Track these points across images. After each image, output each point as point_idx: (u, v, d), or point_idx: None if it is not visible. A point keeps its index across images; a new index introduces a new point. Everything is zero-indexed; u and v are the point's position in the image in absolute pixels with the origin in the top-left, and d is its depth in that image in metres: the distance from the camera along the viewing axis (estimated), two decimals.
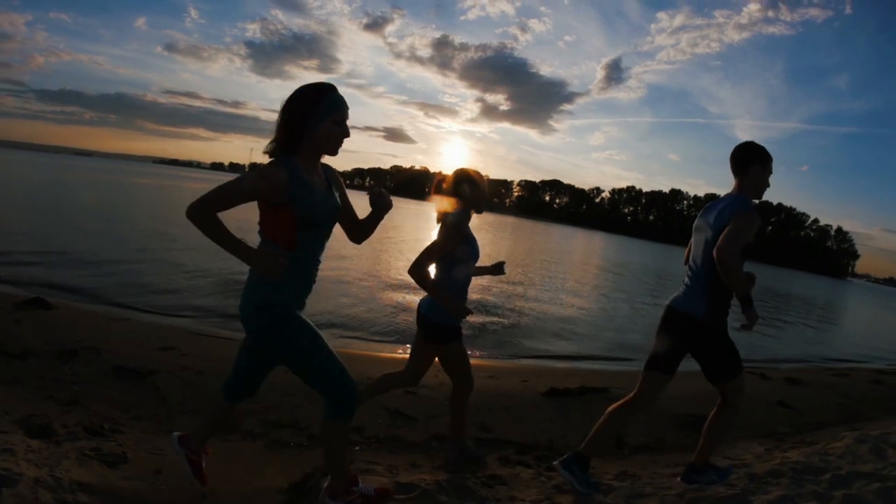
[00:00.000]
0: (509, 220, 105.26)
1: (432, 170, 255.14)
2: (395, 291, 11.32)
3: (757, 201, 3.09)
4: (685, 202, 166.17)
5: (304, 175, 2.21)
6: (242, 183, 2.15)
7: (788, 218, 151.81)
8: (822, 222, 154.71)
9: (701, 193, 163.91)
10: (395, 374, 3.38)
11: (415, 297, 9.44)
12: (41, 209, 17.94)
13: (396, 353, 6.91)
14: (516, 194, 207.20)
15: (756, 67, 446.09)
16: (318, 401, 2.38)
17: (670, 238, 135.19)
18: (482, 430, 4.10)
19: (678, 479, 3.24)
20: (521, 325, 9.90)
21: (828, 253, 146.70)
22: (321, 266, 2.38)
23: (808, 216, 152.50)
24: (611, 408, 3.16)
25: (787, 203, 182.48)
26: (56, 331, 5.10)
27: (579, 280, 19.81)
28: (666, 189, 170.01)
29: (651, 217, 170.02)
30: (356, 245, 2.75)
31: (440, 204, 3.20)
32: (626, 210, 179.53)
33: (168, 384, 4.15)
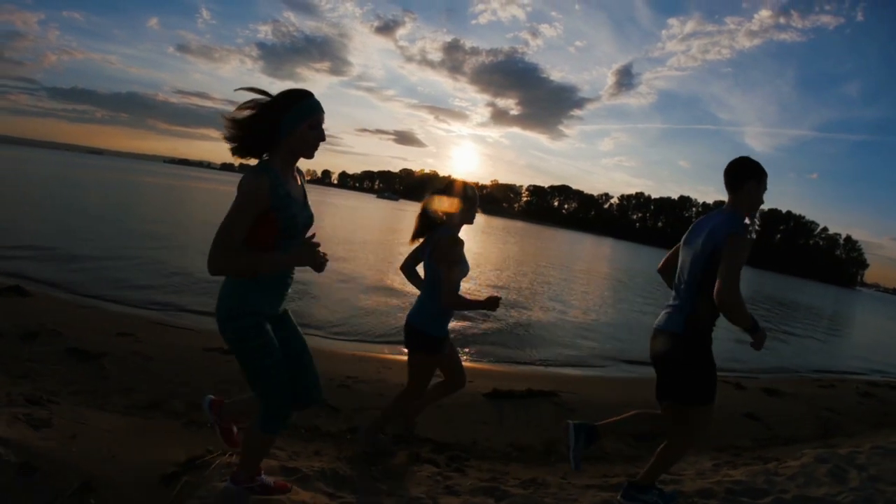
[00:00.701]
0: (518, 224, 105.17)
1: (441, 174, 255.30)
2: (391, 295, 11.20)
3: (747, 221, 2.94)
4: (694, 209, 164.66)
5: (283, 183, 2.22)
6: (241, 208, 2.12)
7: (797, 226, 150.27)
8: (832, 231, 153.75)
9: (710, 200, 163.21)
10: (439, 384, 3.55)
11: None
12: (44, 206, 18.01)
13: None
14: (525, 199, 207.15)
15: (767, 74, 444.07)
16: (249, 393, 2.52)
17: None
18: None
19: (618, 496, 3.08)
20: (503, 330, 9.64)
21: (836, 262, 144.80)
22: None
23: (818, 224, 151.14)
24: (642, 412, 3.11)
25: (797, 211, 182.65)
26: (26, 315, 5.35)
27: (578, 286, 19.41)
28: (675, 196, 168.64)
29: (659, 224, 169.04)
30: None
31: (441, 204, 3.22)
32: (635, 216, 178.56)
33: (114, 365, 4.33)
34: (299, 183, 2.39)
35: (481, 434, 4.13)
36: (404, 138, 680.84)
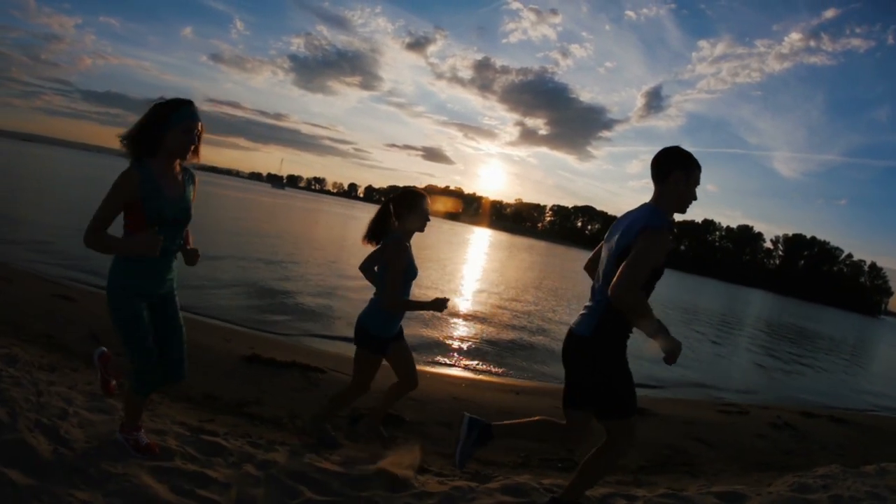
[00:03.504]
0: (539, 244, 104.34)
1: (467, 191, 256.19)
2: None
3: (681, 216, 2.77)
4: (717, 233, 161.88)
5: (155, 178, 2.54)
6: (110, 197, 2.48)
7: (821, 252, 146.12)
8: (857, 257, 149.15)
9: (734, 225, 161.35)
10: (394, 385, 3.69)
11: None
12: (59, 204, 18.75)
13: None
14: (548, 219, 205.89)
15: (796, 98, 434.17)
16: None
17: (702, 269, 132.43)
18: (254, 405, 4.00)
19: None
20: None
21: (860, 289, 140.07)
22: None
23: (842, 251, 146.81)
24: (544, 419, 2.95)
25: (822, 237, 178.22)
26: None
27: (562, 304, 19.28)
28: (699, 220, 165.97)
29: (682, 247, 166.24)
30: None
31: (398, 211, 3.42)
32: None
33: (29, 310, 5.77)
34: (180, 180, 2.68)
35: (246, 394, 4.54)
36: (432, 154, 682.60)
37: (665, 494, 3.42)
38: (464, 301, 14.70)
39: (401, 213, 3.38)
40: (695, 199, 2.69)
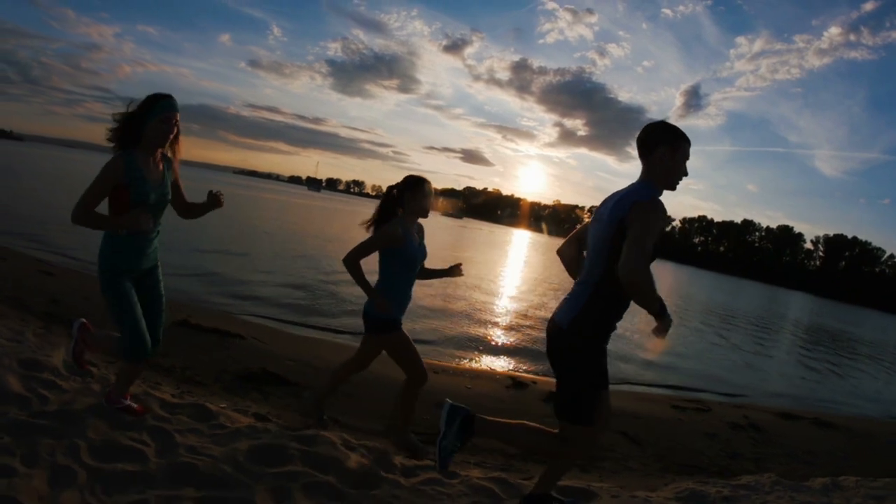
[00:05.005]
0: None
1: (505, 193, 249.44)
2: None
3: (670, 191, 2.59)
4: (757, 233, 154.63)
5: (139, 165, 2.81)
6: (98, 182, 2.75)
7: (863, 252, 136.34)
8: None
9: (774, 225, 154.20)
10: (345, 362, 3.71)
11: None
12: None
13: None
14: (587, 220, 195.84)
15: (837, 95, 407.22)
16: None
17: (741, 270, 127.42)
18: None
19: None
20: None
21: None
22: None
23: (884, 251, 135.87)
24: (530, 425, 2.79)
25: (864, 237, 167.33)
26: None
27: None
28: (738, 220, 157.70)
29: (721, 248, 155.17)
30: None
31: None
32: (697, 240, 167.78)
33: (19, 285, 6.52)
34: (160, 168, 2.94)
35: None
36: (471, 157, 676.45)
37: (495, 479, 3.18)
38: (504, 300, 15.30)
39: (405, 196, 3.45)
40: (685, 174, 2.59)
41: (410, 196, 3.44)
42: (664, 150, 2.49)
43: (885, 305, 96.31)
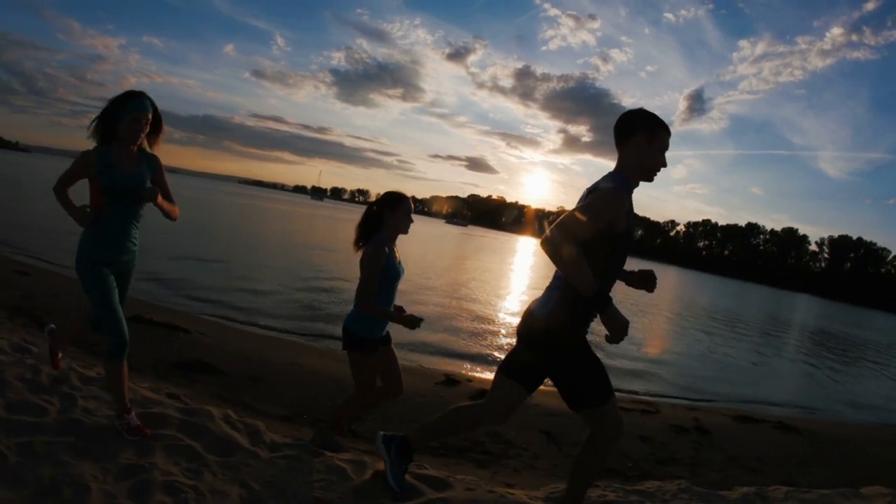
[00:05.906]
0: None
1: (509, 200, 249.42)
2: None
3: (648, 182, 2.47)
4: (762, 236, 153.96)
5: (111, 158, 2.94)
6: (71, 168, 2.97)
7: (868, 253, 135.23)
8: None
9: (779, 228, 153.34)
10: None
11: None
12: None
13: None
14: None
15: (840, 95, 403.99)
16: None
17: (746, 274, 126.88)
18: None
19: None
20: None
21: None
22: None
23: (889, 251, 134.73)
24: (457, 405, 2.79)
25: (871, 238, 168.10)
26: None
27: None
28: (743, 223, 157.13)
29: (726, 252, 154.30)
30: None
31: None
32: (701, 244, 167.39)
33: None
34: (137, 164, 3.02)
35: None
36: (476, 164, 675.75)
37: (352, 461, 3.18)
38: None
39: (384, 214, 3.35)
40: (663, 165, 2.43)
41: (390, 213, 3.33)
42: (639, 138, 2.36)
43: (891, 306, 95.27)
